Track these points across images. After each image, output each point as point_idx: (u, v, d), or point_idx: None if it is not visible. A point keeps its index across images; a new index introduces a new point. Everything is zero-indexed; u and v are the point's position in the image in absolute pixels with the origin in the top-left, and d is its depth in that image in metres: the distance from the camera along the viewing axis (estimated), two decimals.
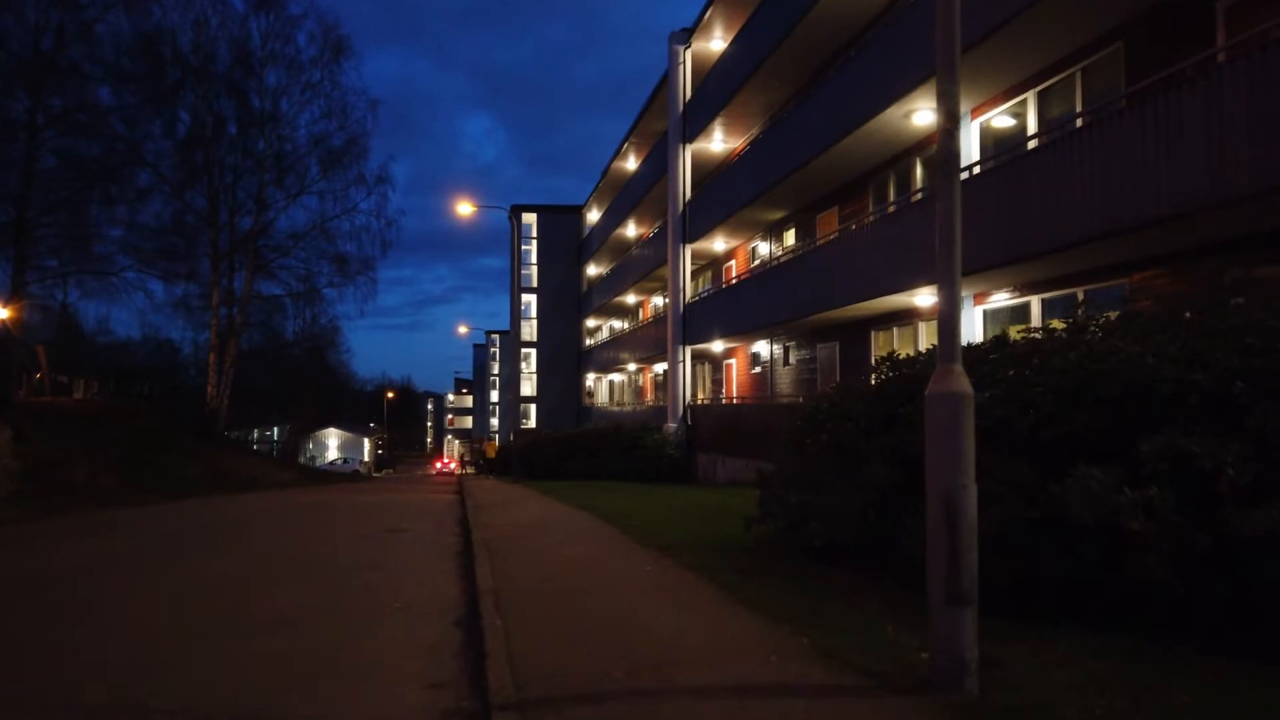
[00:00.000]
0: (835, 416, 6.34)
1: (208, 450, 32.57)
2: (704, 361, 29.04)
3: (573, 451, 25.32)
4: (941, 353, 3.93)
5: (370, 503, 17.82)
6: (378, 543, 9.44)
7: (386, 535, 10.29)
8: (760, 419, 19.98)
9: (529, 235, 49.21)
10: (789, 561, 6.44)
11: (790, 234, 22.17)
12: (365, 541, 9.57)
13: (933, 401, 3.78)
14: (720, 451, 22.37)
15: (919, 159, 16.11)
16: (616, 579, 6.15)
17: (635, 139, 35.05)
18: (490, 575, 6.46)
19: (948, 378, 3.79)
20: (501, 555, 7.65)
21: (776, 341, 22.75)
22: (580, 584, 6.04)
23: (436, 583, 6.76)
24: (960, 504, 3.52)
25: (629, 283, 35.57)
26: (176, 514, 13.06)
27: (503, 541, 8.61)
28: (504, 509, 13.81)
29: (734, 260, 26.44)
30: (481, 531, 9.80)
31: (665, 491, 16.42)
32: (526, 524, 10.54)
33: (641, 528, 9.00)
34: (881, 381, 6.29)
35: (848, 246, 16.19)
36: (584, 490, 17.29)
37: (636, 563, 6.78)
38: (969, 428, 3.65)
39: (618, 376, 44.11)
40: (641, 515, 10.33)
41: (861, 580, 5.75)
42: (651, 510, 11.21)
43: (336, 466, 68.46)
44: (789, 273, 19.07)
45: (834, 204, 19.44)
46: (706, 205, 24.52)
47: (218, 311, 38.18)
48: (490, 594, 5.76)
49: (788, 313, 18.82)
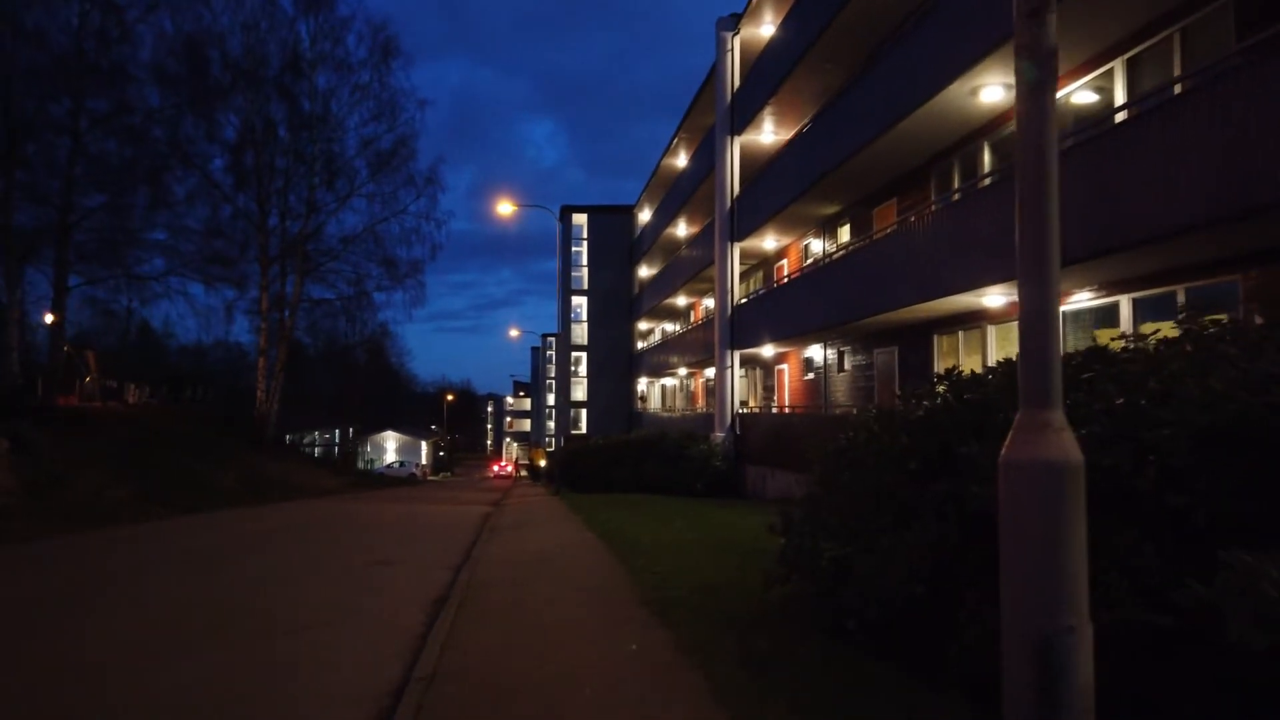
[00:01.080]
0: (877, 453, 4.86)
1: (253, 456, 32.28)
2: (755, 367, 27.47)
3: (616, 461, 24.02)
4: (1028, 390, 2.45)
5: (392, 518, 16.84)
6: (351, 583, 8.26)
7: (371, 570, 9.12)
8: (812, 430, 18.38)
9: (579, 236, 48.21)
10: (817, 640, 4.98)
11: (845, 230, 20.50)
12: (340, 581, 8.40)
13: (1015, 474, 2.32)
14: (770, 464, 20.82)
15: (987, 143, 14.36)
16: (582, 666, 4.79)
17: (684, 134, 33.66)
18: (439, 649, 5.19)
19: (1040, 436, 2.32)
20: (474, 611, 6.39)
21: (830, 346, 21.10)
22: (537, 673, 4.70)
23: (381, 654, 5.50)
24: (1064, 659, 2.08)
25: (679, 284, 34.16)
26: (158, 537, 12.14)
27: (487, 589, 7.34)
28: (520, 532, 12.60)
29: (785, 259, 24.83)
30: (475, 570, 8.56)
31: (704, 511, 15.00)
32: (530, 557, 9.26)
33: (655, 569, 7.63)
34: (934, 409, 4.78)
35: (907, 241, 14.53)
36: (616, 507, 15.97)
37: (623, 635, 5.40)
38: (1079, 523, 2.18)
39: (669, 381, 42.73)
40: (663, 548, 8.95)
41: (911, 678, 4.28)
42: (677, 540, 9.82)
43: (393, 470, 68.51)
44: (843, 271, 17.45)
45: (892, 196, 17.75)
46: (755, 200, 22.98)
47: (267, 315, 38.02)
48: (420, 685, 4.48)
49: (842, 314, 17.20)
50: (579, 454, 25.54)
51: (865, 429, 5.30)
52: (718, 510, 14.90)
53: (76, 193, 26.67)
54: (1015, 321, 13.40)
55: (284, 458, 35.98)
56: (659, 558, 8.24)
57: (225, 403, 44.48)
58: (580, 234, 48.09)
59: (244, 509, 19.21)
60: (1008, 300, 13.05)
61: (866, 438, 5.16)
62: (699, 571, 7.46)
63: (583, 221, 47.95)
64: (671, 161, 36.86)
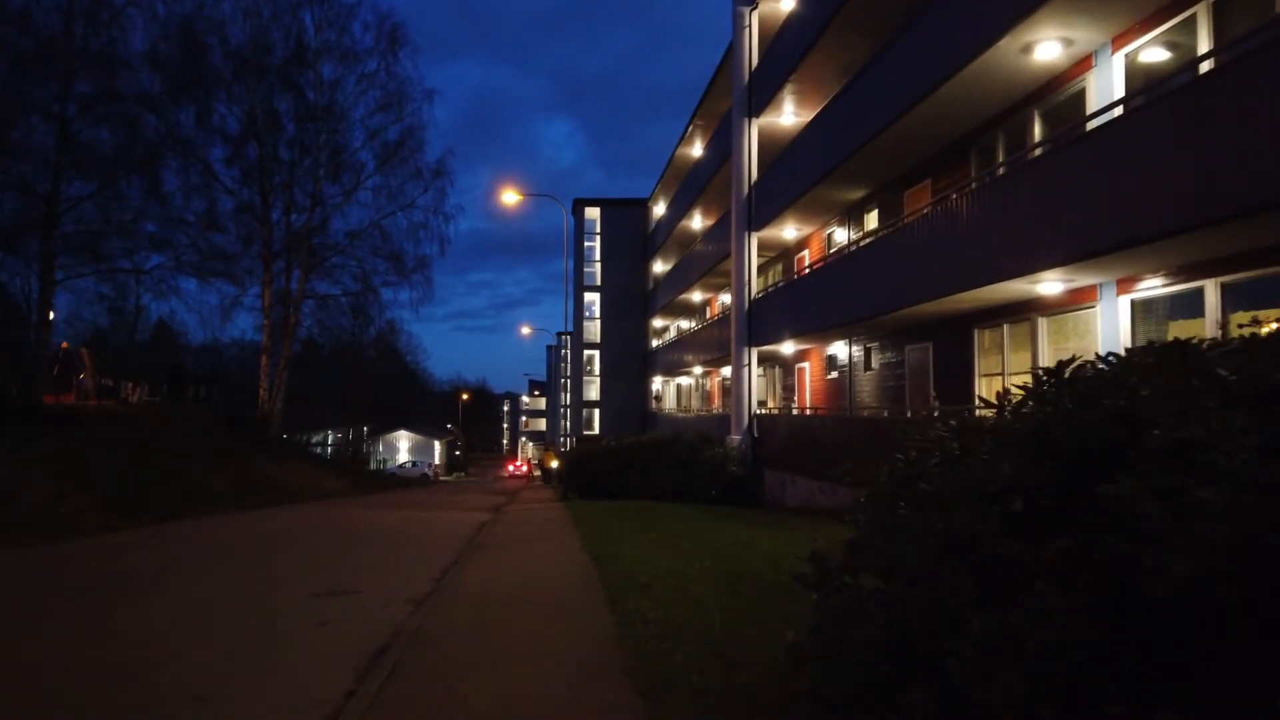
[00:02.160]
0: (958, 485, 3.30)
1: (253, 457, 31.04)
2: (773, 365, 25.88)
3: (626, 465, 22.50)
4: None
5: (376, 528, 15.43)
6: (279, 628, 6.77)
7: (315, 605, 7.66)
8: (837, 433, 16.80)
9: (592, 231, 46.75)
10: None
11: (872, 216, 18.87)
12: (265, 625, 6.88)
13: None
14: (790, 469, 19.25)
15: (1038, 111, 12.72)
16: None
17: (700, 121, 32.10)
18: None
19: None
20: (407, 683, 4.90)
21: (856, 342, 19.48)
22: None
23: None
24: None
25: (694, 278, 32.61)
26: (77, 558, 10.68)
27: (436, 644, 5.85)
28: (508, 552, 11.13)
29: (806, 250, 23.22)
30: (438, 608, 7.09)
31: (718, 525, 13.46)
32: (506, 591, 7.77)
33: (651, 616, 6.11)
34: (1047, 420, 3.21)
35: (946, 223, 12.91)
36: (621, 519, 14.48)
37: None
38: None
39: (684, 380, 41.18)
40: (665, 582, 7.43)
41: None
42: (686, 567, 8.30)
43: (405, 470, 67.41)
44: (872, 259, 15.84)
45: (925, 176, 16.12)
46: (774, 186, 21.40)
47: (269, 312, 36.84)
48: None
49: (870, 307, 15.60)
50: (588, 457, 24.05)
51: (937, 445, 3.75)
52: (733, 524, 13.35)
53: (64, 182, 25.51)
54: (1075, 312, 11.74)
55: (287, 458, 34.72)
56: (659, 598, 6.71)
57: (230, 402, 43.43)
58: (593, 228, 46.63)
59: (223, 516, 17.88)
60: (1066, 287, 11.41)
61: (941, 460, 3.60)
62: (705, 622, 5.92)
63: (596, 216, 46.48)
64: (686, 151, 35.31)
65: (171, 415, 34.01)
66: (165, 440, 27.13)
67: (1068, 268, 10.25)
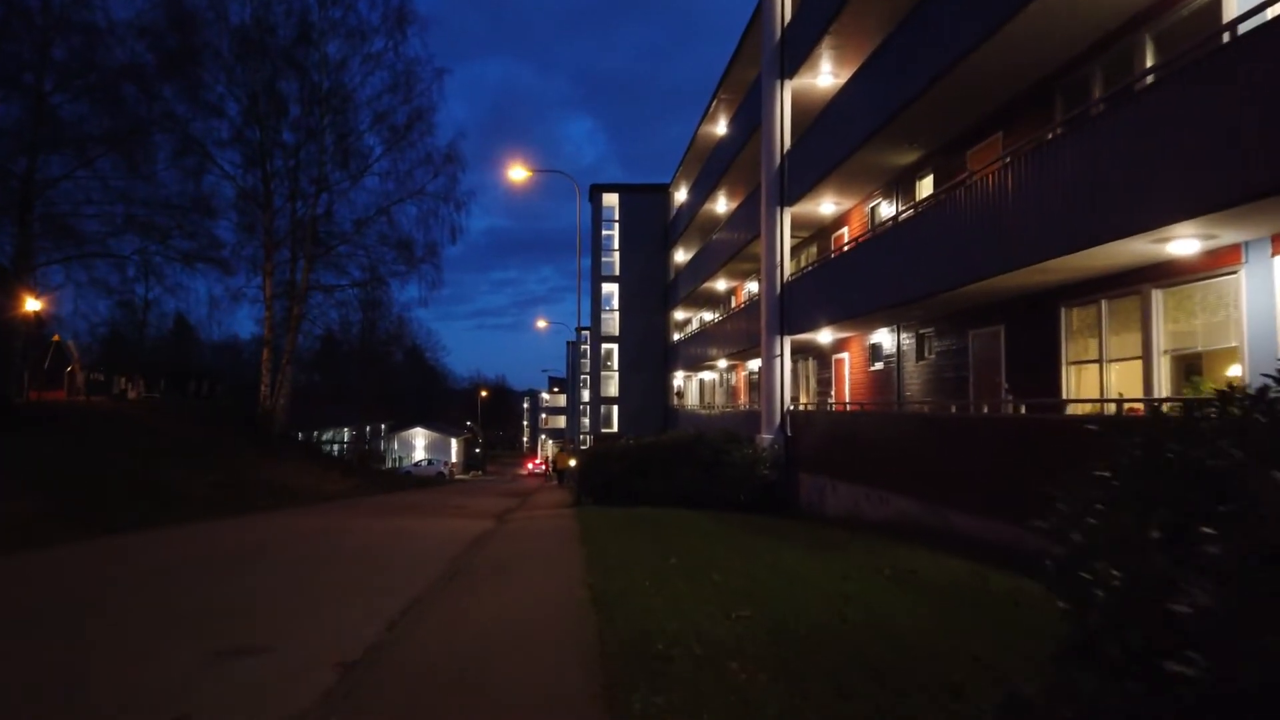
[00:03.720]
0: None
1: (251, 457, 29.15)
2: (807, 357, 23.53)
3: (645, 467, 20.26)
4: None
5: (355, 544, 13.33)
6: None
7: (202, 670, 5.51)
8: (885, 432, 14.48)
9: (610, 219, 44.50)
10: None
11: (926, 183, 16.48)
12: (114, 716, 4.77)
13: None
14: (829, 473, 16.95)
15: (1150, 36, 10.31)
16: None
17: (724, 94, 29.74)
18: None
19: None
20: None
21: (906, 329, 17.11)
22: None
23: None
24: None
25: (717, 265, 30.29)
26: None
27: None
28: (493, 581, 8.94)
29: (845, 228, 20.83)
30: (358, 693, 4.90)
31: (752, 544, 11.21)
32: (466, 657, 5.55)
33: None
34: None
35: (1032, 176, 10.54)
36: (635, 533, 12.27)
37: None
38: None
39: (707, 375, 38.87)
40: (694, 649, 5.21)
41: None
42: (719, 620, 6.06)
43: (421, 468, 65.55)
44: (931, 227, 13.48)
45: (995, 130, 13.73)
46: (810, 154, 19.05)
47: (271, 303, 34.98)
48: None
49: (928, 284, 13.25)
50: (604, 458, 21.79)
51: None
52: (770, 543, 11.08)
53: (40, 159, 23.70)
54: (1207, 280, 8.98)
55: (290, 459, 32.77)
56: (683, 691, 4.46)
57: (237, 399, 41.70)
58: (611, 215, 44.37)
59: (192, 525, 15.87)
60: (1203, 247, 8.99)
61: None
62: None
63: (614, 203, 44.22)
64: (709, 129, 32.96)
65: (168, 413, 32.25)
66: (151, 440, 25.28)
67: (1209, 219, 7.88)
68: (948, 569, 8.70)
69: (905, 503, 13.22)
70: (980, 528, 10.68)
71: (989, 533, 10.43)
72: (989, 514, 10.49)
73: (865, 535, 12.25)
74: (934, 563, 9.13)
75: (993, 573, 8.54)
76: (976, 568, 8.74)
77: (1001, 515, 10.18)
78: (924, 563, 9.11)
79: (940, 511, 11.98)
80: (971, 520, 10.96)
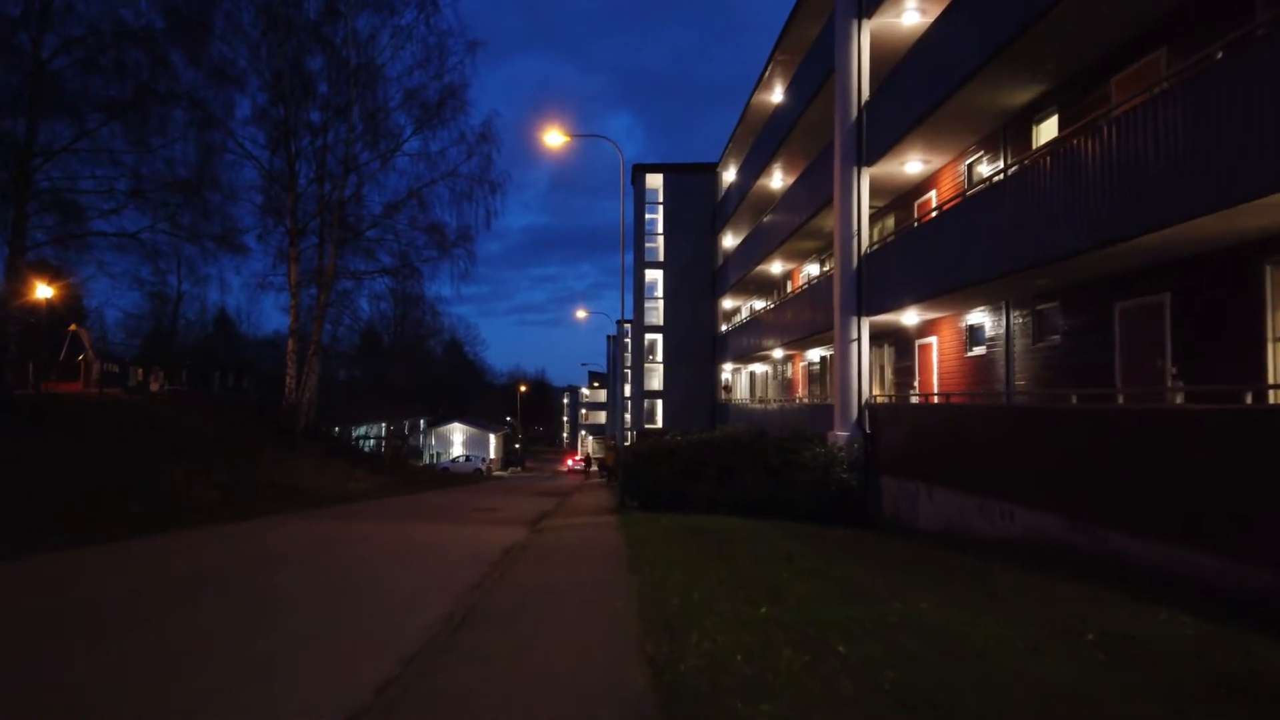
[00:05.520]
0: None
1: (270, 454, 27.09)
2: (880, 343, 20.65)
3: (697, 468, 17.62)
4: None
5: (349, 564, 10.91)
6: None
7: None
8: (1009, 429, 11.66)
9: (654, 201, 41.85)
10: None
11: (1048, 126, 13.55)
12: None
13: None
14: (922, 477, 14.16)
15: None
16: None
17: (781, 56, 26.88)
18: None
19: None
20: None
21: (1019, 306, 14.21)
22: None
23: None
24: None
25: (773, 246, 27.48)
26: None
27: None
28: (512, 634, 6.36)
29: (932, 192, 17.92)
30: None
31: (851, 571, 8.52)
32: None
33: None
34: None
35: (1238, 90, 7.67)
36: (697, 556, 9.66)
37: None
38: None
39: (759, 368, 36.07)
40: None
41: None
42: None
43: (458, 464, 63.64)
44: (1061, 172, 10.59)
45: (1155, 46, 10.79)
46: (895, 103, 16.22)
47: (296, 290, 32.96)
48: None
49: (1065, 242, 10.40)
50: (650, 457, 19.15)
51: None
52: (885, 575, 8.35)
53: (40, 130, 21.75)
54: None
55: (313, 455, 30.69)
56: None
57: (261, 391, 39.95)
58: (655, 198, 41.70)
59: (174, 535, 13.60)
60: None
61: None
62: None
63: (658, 184, 41.54)
64: (764, 98, 30.13)
65: (186, 406, 30.36)
66: (157, 436, 23.30)
67: None
68: (1170, 630, 5.94)
69: (1037, 517, 10.41)
70: (1168, 558, 7.88)
71: (1185, 567, 7.63)
72: (1183, 540, 7.69)
73: (996, 562, 9.46)
74: (1138, 617, 6.36)
75: (1248, 636, 5.77)
76: (1211, 628, 5.97)
77: (1206, 543, 7.39)
78: (1122, 617, 6.35)
79: (1093, 531, 9.18)
80: (1150, 546, 8.16)
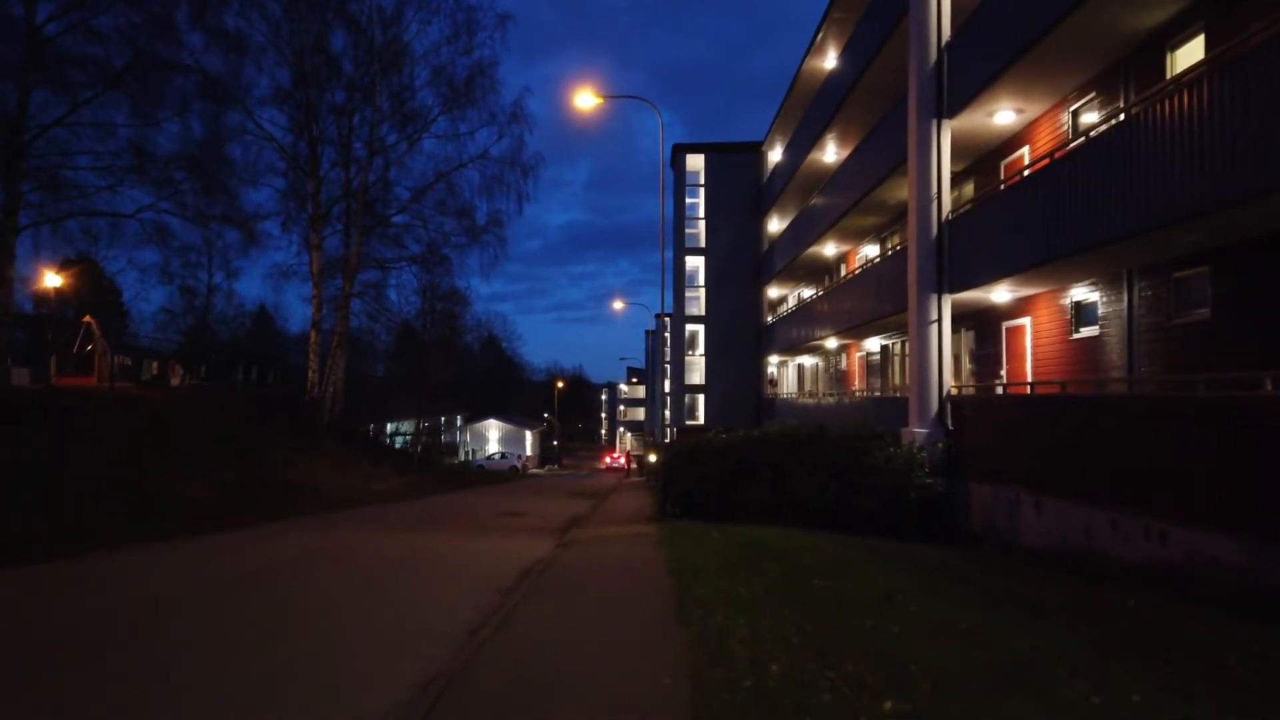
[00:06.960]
0: None
1: (286, 451, 25.37)
2: (957, 327, 18.10)
3: (748, 470, 15.34)
4: None
5: (327, 593, 8.86)
6: None
7: None
8: (1143, 426, 9.21)
9: (695, 183, 39.49)
10: None
11: (1189, 49, 10.99)
12: None
13: None
14: (1024, 483, 11.73)
15: None
16: None
17: (837, 14, 24.36)
18: None
19: None
20: None
21: (1147, 275, 11.67)
22: None
23: None
24: None
25: (828, 224, 25.01)
26: None
27: None
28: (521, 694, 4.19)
29: (1025, 149, 15.37)
30: None
31: (981, 621, 6.23)
32: None
33: None
34: None
35: None
36: (765, 590, 7.41)
37: None
38: None
39: (809, 359, 33.58)
40: None
41: None
42: None
43: (493, 462, 61.85)
44: (1213, 103, 8.09)
45: None
46: (983, 39, 13.74)
47: (319, 280, 31.27)
48: None
49: (1240, 183, 7.93)
50: (693, 458, 16.87)
51: None
52: (1034, 627, 6.02)
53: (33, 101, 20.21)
54: None
55: (335, 453, 29.00)
56: None
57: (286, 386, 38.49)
58: (696, 180, 39.33)
59: (149, 548, 11.73)
60: None
61: None
62: None
63: (699, 165, 39.15)
64: (815, 64, 27.63)
65: (204, 401, 28.84)
66: (163, 433, 21.62)
67: None
68: None
69: (1201, 540, 7.98)
70: None
71: None
72: None
73: (1176, 605, 7.05)
74: None
75: None
76: None
77: None
78: None
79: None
80: None
